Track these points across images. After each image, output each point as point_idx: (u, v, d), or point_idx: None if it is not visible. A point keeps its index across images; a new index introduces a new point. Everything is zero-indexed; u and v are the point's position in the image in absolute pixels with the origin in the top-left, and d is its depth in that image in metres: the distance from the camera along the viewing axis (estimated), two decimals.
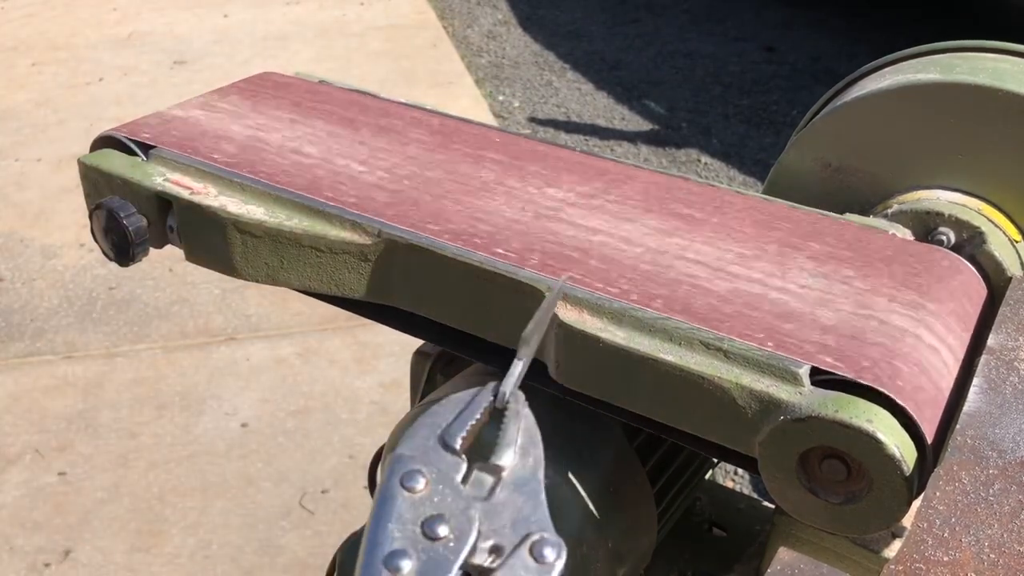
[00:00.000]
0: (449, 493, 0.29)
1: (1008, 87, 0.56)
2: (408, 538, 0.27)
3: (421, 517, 0.28)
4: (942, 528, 0.38)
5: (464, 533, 0.28)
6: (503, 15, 3.24)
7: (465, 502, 0.28)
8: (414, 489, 0.28)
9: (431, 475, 0.29)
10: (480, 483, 0.29)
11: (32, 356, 1.67)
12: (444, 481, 0.29)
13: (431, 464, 0.29)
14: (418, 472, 0.29)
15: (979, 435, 0.41)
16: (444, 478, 0.29)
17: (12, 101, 2.55)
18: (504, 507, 0.29)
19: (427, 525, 0.28)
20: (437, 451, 0.30)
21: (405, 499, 0.28)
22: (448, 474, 0.29)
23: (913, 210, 0.57)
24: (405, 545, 0.27)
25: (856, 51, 2.92)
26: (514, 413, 0.31)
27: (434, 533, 0.27)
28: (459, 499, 0.29)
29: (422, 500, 0.28)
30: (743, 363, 0.43)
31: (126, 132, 0.61)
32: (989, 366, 0.45)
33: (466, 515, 0.28)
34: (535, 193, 0.56)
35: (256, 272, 0.55)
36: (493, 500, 0.29)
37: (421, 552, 0.27)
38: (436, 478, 0.29)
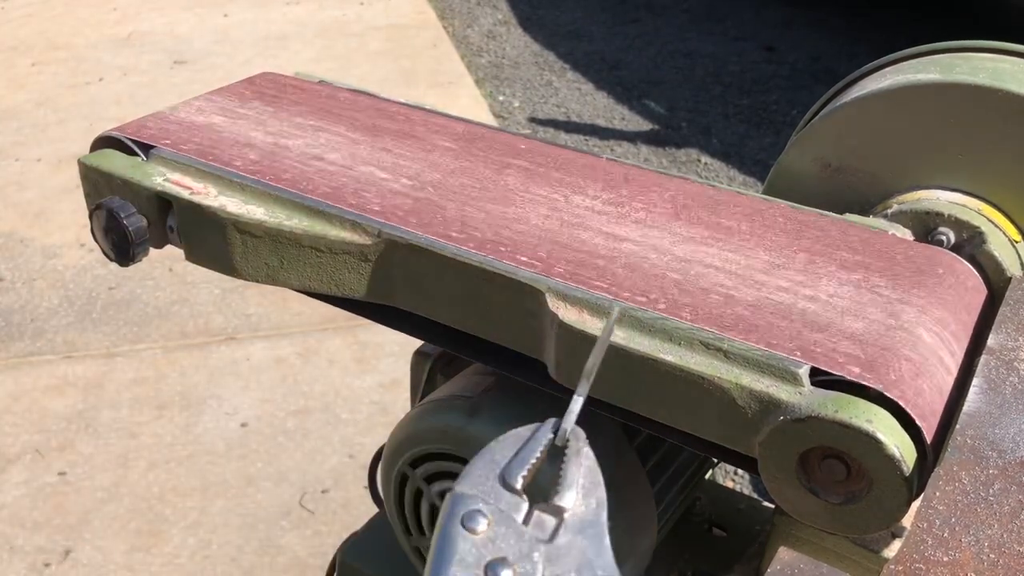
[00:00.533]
0: (511, 535, 0.28)
1: (1008, 87, 0.56)
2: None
3: (484, 560, 0.27)
4: (942, 528, 0.38)
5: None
6: (503, 15, 3.24)
7: (528, 545, 0.28)
8: (475, 530, 0.28)
9: (492, 515, 0.28)
10: (542, 525, 0.28)
11: (32, 356, 1.67)
12: (506, 522, 0.28)
13: (491, 503, 0.28)
14: (479, 512, 0.28)
15: (979, 435, 0.41)
16: (505, 519, 0.28)
17: (12, 101, 2.54)
18: (567, 550, 0.28)
19: (490, 569, 0.27)
20: (497, 490, 0.29)
21: (467, 540, 0.27)
22: (509, 515, 0.28)
23: (913, 210, 0.57)
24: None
25: (856, 51, 2.92)
26: (575, 452, 0.30)
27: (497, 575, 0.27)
28: (522, 542, 0.28)
29: (484, 542, 0.27)
30: (743, 363, 0.43)
31: (126, 132, 0.61)
32: (989, 366, 0.45)
33: (530, 559, 0.27)
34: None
35: (256, 272, 0.55)
36: (556, 543, 0.28)
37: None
38: (497, 519, 0.28)
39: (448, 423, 0.56)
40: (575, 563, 0.27)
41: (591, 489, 0.30)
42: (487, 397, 0.57)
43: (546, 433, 0.31)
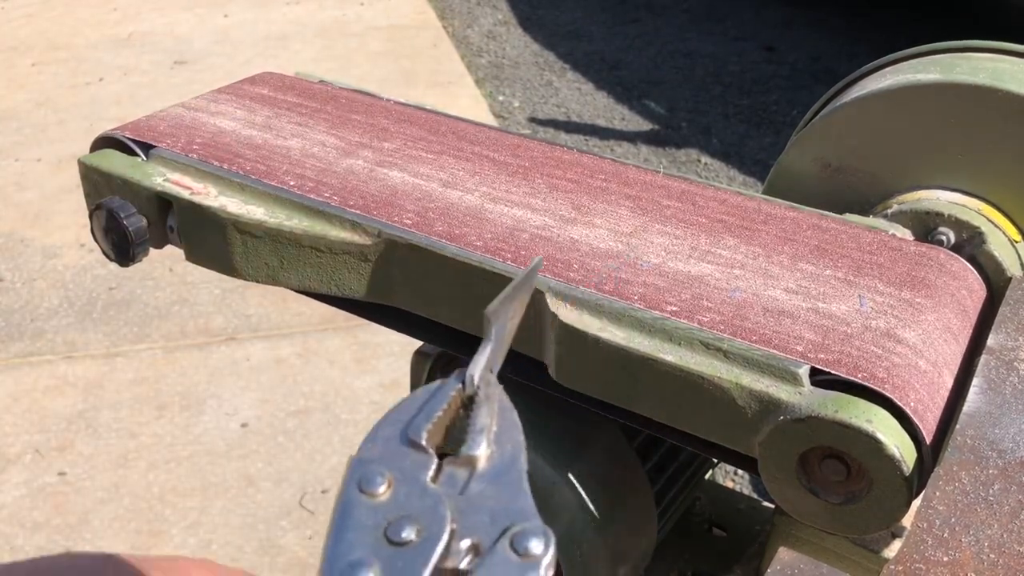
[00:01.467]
0: (416, 492, 0.25)
1: (1008, 87, 0.56)
2: (369, 546, 0.24)
3: (384, 522, 0.24)
4: (942, 528, 0.38)
5: (434, 534, 0.24)
6: (503, 15, 3.24)
7: (434, 499, 0.25)
8: (374, 493, 0.25)
9: (393, 475, 0.25)
10: (452, 479, 0.26)
11: (32, 356, 1.67)
12: (409, 481, 0.25)
13: (394, 465, 0.26)
14: (377, 474, 0.25)
15: (979, 435, 0.41)
16: (409, 478, 0.25)
17: (12, 101, 2.54)
18: (481, 501, 0.25)
19: (391, 530, 0.24)
20: (400, 450, 0.26)
21: (364, 504, 0.25)
22: (413, 473, 0.26)
23: (913, 210, 0.57)
24: (366, 554, 0.23)
25: (856, 51, 2.91)
26: (485, 398, 0.27)
27: (399, 537, 0.24)
28: (427, 497, 0.25)
29: (385, 504, 0.25)
30: (743, 363, 0.43)
31: (126, 132, 0.61)
32: (989, 366, 0.45)
33: (436, 513, 0.24)
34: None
35: (256, 272, 0.55)
36: (467, 494, 0.25)
37: (385, 560, 0.23)
38: (400, 478, 0.25)
39: None
40: (489, 513, 0.25)
41: (506, 434, 0.27)
42: None
43: (453, 384, 0.28)
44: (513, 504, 0.25)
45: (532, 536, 0.24)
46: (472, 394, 0.27)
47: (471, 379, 0.28)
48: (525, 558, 0.23)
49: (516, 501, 0.25)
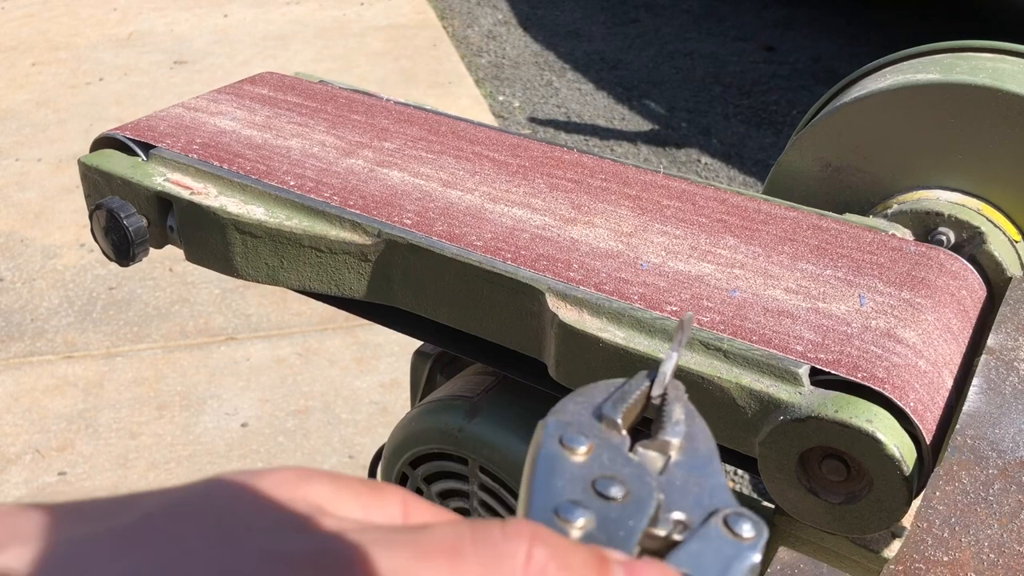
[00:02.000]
0: (619, 460, 0.24)
1: (1008, 87, 0.56)
2: (580, 493, 0.22)
3: (591, 477, 0.23)
4: (942, 528, 0.38)
5: (643, 498, 0.23)
6: (503, 15, 3.24)
7: (638, 468, 0.24)
8: (576, 451, 0.24)
9: (594, 441, 0.24)
10: (649, 461, 0.24)
11: (32, 356, 1.67)
12: (610, 449, 0.24)
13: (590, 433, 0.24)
14: (579, 435, 0.24)
15: (979, 435, 0.41)
16: (609, 446, 0.24)
17: (12, 101, 2.54)
18: (683, 484, 0.24)
19: (599, 484, 0.23)
20: (593, 423, 0.25)
21: (567, 459, 0.23)
22: (612, 443, 0.24)
23: (913, 210, 0.57)
24: (579, 498, 0.22)
25: (856, 51, 2.91)
26: (676, 398, 0.26)
27: (608, 492, 0.22)
28: (630, 465, 0.24)
29: (587, 463, 0.23)
30: (743, 363, 0.43)
31: (126, 132, 0.61)
32: (989, 366, 0.45)
33: (642, 480, 0.23)
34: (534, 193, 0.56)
35: (256, 272, 0.55)
36: (668, 476, 0.24)
37: (598, 510, 0.22)
38: (599, 444, 0.24)
39: (448, 423, 0.56)
40: (693, 495, 0.23)
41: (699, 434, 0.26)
42: (487, 397, 0.57)
43: (643, 380, 0.27)
44: (718, 494, 0.24)
45: (745, 520, 0.23)
46: (663, 393, 0.27)
47: (663, 376, 0.27)
48: (739, 538, 0.22)
49: (720, 493, 0.24)
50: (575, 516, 0.21)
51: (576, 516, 0.21)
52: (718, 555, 0.22)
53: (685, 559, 0.22)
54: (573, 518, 0.21)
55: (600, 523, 0.22)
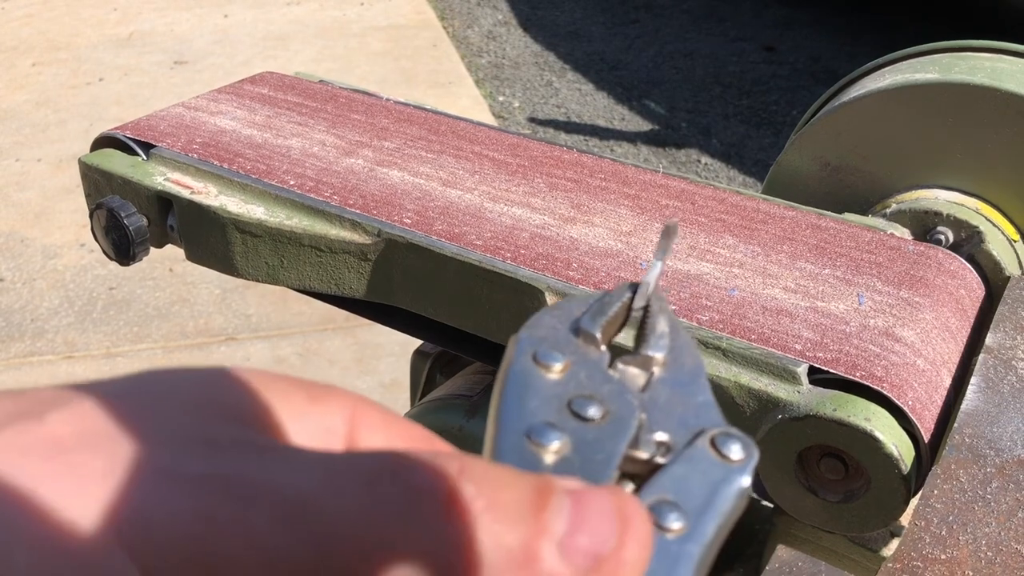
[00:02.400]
0: (597, 377, 0.21)
1: (1006, 87, 0.56)
2: (554, 414, 0.20)
3: (567, 396, 0.21)
4: (940, 526, 0.38)
5: (623, 418, 0.21)
6: (503, 15, 3.24)
7: (618, 386, 0.21)
8: (551, 368, 0.21)
9: (571, 358, 0.22)
10: (630, 377, 0.22)
11: (32, 356, 1.67)
12: (587, 366, 0.22)
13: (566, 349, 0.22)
14: (554, 351, 0.22)
15: (977, 434, 0.41)
16: (586, 363, 0.22)
17: (12, 101, 2.55)
18: (667, 401, 0.22)
19: (575, 404, 0.20)
20: (570, 339, 0.22)
21: (541, 376, 0.21)
22: (590, 359, 0.22)
23: (911, 209, 0.57)
24: (552, 420, 0.20)
25: (856, 51, 2.92)
26: (660, 310, 0.24)
27: (585, 413, 0.20)
28: (610, 383, 0.21)
29: (563, 381, 0.21)
30: (741, 361, 0.43)
31: (126, 131, 0.61)
32: (987, 365, 0.45)
33: (622, 398, 0.21)
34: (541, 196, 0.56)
35: (256, 272, 0.55)
36: (651, 393, 0.22)
37: (573, 432, 0.20)
38: (576, 361, 0.22)
39: (448, 423, 0.56)
40: (677, 414, 0.21)
41: (684, 349, 0.23)
42: (486, 396, 0.57)
43: (625, 292, 0.24)
44: (704, 413, 0.22)
45: (734, 440, 0.21)
46: (645, 305, 0.24)
47: (647, 287, 0.24)
48: (727, 461, 0.20)
49: (707, 411, 0.22)
50: (548, 439, 0.19)
51: (550, 439, 0.19)
52: (704, 478, 0.20)
53: (668, 484, 0.20)
54: (546, 441, 0.19)
55: (576, 446, 0.20)
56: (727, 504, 0.20)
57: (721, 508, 0.20)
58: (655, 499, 0.19)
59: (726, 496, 0.20)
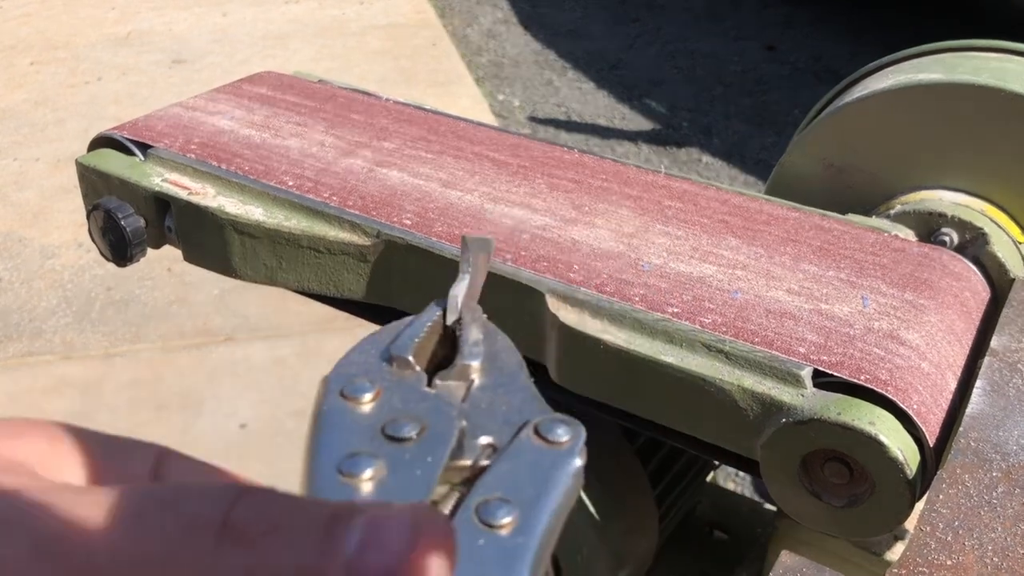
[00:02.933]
0: (412, 398, 0.22)
1: (1011, 87, 0.55)
2: (366, 442, 0.20)
3: (378, 423, 0.21)
4: (945, 531, 0.37)
5: (442, 431, 0.21)
6: (503, 14, 3.23)
7: (435, 401, 0.22)
8: (360, 400, 0.21)
9: (381, 386, 0.22)
10: (451, 391, 0.22)
11: (30, 356, 1.67)
12: (401, 389, 0.22)
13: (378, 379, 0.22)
14: (363, 384, 0.21)
15: (982, 437, 0.41)
16: (400, 386, 0.22)
17: (10, 100, 2.54)
18: (489, 406, 0.22)
19: (389, 428, 0.20)
20: (383, 367, 0.22)
21: (351, 410, 0.21)
22: (405, 382, 0.22)
23: (916, 211, 0.57)
24: (365, 448, 0.20)
25: (858, 50, 2.91)
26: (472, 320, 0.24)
27: (399, 433, 0.20)
28: (426, 399, 0.22)
29: (375, 410, 0.21)
30: (744, 365, 0.42)
31: (124, 132, 0.61)
32: (992, 368, 0.44)
33: (440, 411, 0.21)
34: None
35: (255, 273, 0.55)
36: (472, 402, 0.22)
37: (389, 455, 0.20)
38: (389, 387, 0.22)
39: None
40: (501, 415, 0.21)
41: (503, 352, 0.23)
42: None
43: (434, 311, 0.24)
44: (527, 407, 0.21)
45: (557, 424, 0.21)
46: (457, 319, 0.24)
47: (455, 302, 0.24)
48: (554, 445, 0.20)
49: (529, 405, 0.22)
50: (359, 468, 0.19)
51: (361, 468, 0.19)
52: (533, 469, 0.20)
53: (495, 482, 0.20)
54: (358, 471, 0.19)
55: (393, 468, 0.19)
56: (559, 489, 0.20)
57: (553, 494, 0.19)
58: (481, 500, 0.19)
59: (557, 481, 0.20)
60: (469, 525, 0.18)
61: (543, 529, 0.19)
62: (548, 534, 0.19)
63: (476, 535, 0.18)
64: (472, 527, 0.18)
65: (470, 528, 0.18)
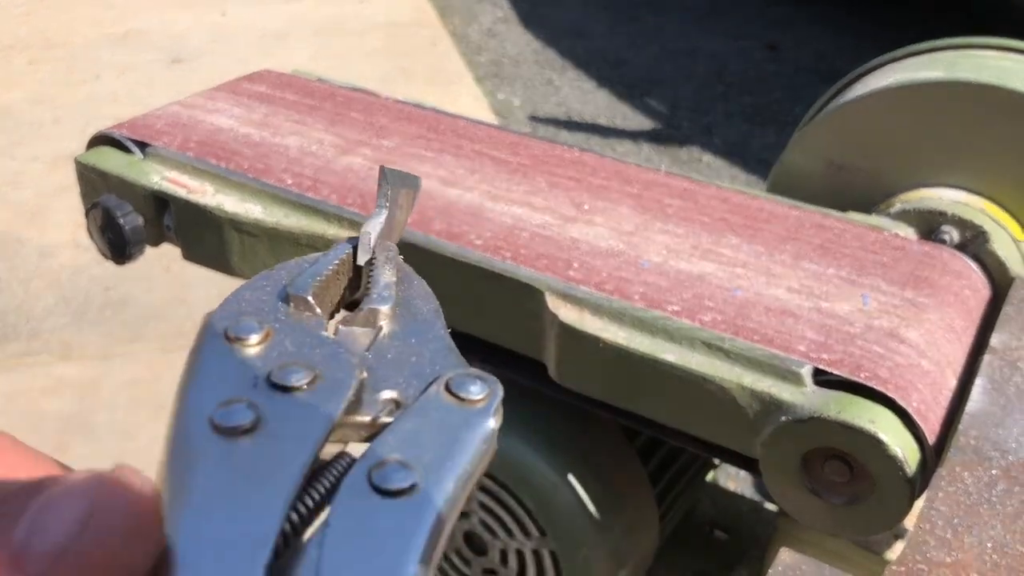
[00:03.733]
0: (307, 342, 0.19)
1: (1011, 85, 0.55)
2: (244, 388, 0.18)
3: (264, 369, 0.18)
4: (944, 529, 0.37)
5: (337, 380, 0.18)
6: (503, 12, 3.23)
7: (332, 347, 0.19)
8: (246, 340, 0.18)
9: (273, 326, 0.19)
10: (352, 339, 0.20)
11: (28, 356, 1.66)
12: (295, 331, 0.19)
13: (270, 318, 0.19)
14: (251, 323, 0.19)
15: (982, 435, 0.41)
16: (295, 329, 0.19)
17: (8, 99, 2.54)
18: (397, 355, 0.19)
19: (275, 375, 0.18)
20: (277, 307, 0.20)
21: (233, 352, 0.18)
22: (301, 325, 0.19)
23: (916, 209, 0.57)
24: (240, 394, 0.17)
25: (860, 49, 2.91)
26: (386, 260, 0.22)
27: (286, 381, 0.18)
28: (323, 345, 0.19)
29: (262, 353, 0.18)
30: (745, 363, 0.42)
31: (123, 130, 0.61)
32: (992, 366, 0.44)
33: (337, 359, 0.18)
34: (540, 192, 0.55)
35: (254, 271, 0.55)
36: (377, 350, 0.19)
37: (269, 404, 0.17)
38: (281, 329, 0.19)
39: None
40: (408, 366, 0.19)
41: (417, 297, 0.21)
42: None
43: (344, 248, 0.22)
44: (441, 359, 0.19)
45: (471, 381, 0.18)
46: (369, 259, 0.22)
47: (367, 239, 0.22)
48: (466, 404, 0.18)
49: (444, 357, 0.19)
50: (231, 419, 0.17)
51: (232, 419, 0.17)
52: (439, 428, 0.17)
53: (394, 442, 0.17)
54: (230, 422, 0.17)
55: (273, 421, 0.17)
56: (467, 452, 0.17)
57: (460, 458, 0.17)
58: (376, 462, 0.17)
59: (466, 442, 0.17)
60: (359, 490, 0.16)
61: (448, 495, 0.16)
62: (451, 504, 0.16)
63: (366, 502, 0.16)
64: (362, 493, 0.16)
65: (360, 494, 0.16)
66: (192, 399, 0.18)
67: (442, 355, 0.19)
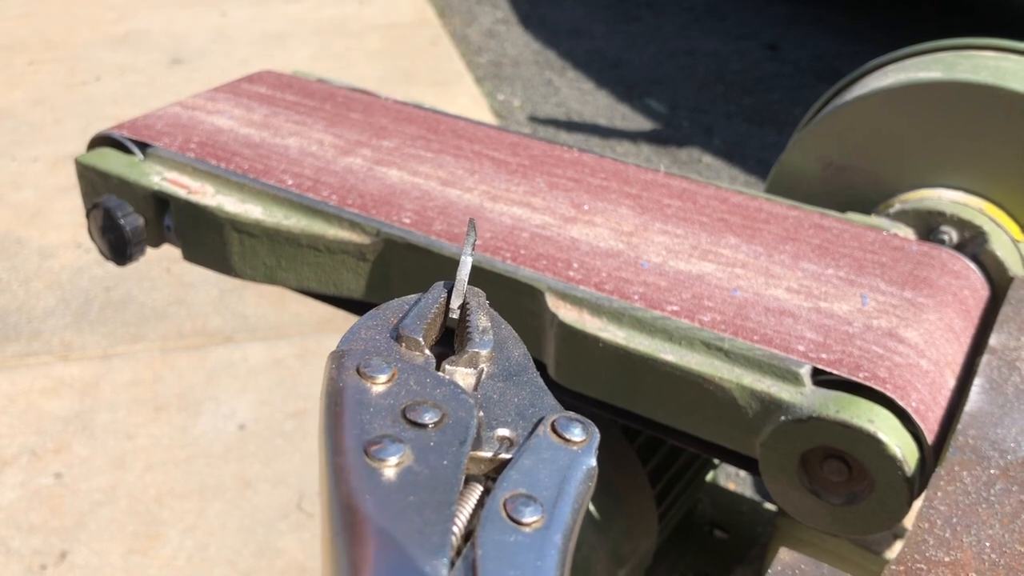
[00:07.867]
0: (428, 382, 0.21)
1: (1010, 86, 0.55)
2: (389, 426, 0.20)
3: (399, 405, 0.20)
4: (943, 528, 0.37)
5: (461, 419, 0.20)
6: (503, 13, 3.23)
7: (451, 387, 0.21)
8: (377, 379, 0.21)
9: (396, 367, 0.21)
10: (461, 378, 0.22)
11: (29, 357, 1.66)
12: (415, 372, 0.21)
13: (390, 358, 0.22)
14: (378, 363, 0.21)
15: (981, 435, 0.41)
16: (413, 369, 0.22)
17: (9, 100, 2.54)
18: (502, 397, 0.22)
19: (409, 412, 0.20)
20: (392, 346, 0.22)
21: (368, 389, 0.21)
22: (417, 364, 0.22)
23: (915, 209, 0.57)
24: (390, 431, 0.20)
25: (859, 49, 2.91)
26: (477, 306, 0.24)
27: (421, 419, 0.20)
28: (442, 385, 0.21)
29: (393, 390, 0.21)
30: (744, 363, 0.42)
31: (123, 131, 0.61)
32: (991, 366, 0.44)
33: (458, 399, 0.21)
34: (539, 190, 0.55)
35: (254, 272, 0.55)
36: (483, 391, 0.22)
37: (413, 441, 0.19)
38: (403, 370, 0.21)
39: None
40: (514, 408, 0.21)
41: (509, 341, 0.24)
42: None
43: (440, 292, 0.24)
44: (539, 401, 0.22)
45: (574, 424, 0.21)
46: (463, 302, 0.24)
47: (461, 284, 0.24)
48: (571, 444, 0.21)
49: (542, 398, 0.22)
50: (387, 453, 0.19)
51: (388, 453, 0.19)
52: (553, 466, 0.20)
53: (519, 478, 0.20)
54: (385, 456, 0.19)
55: (419, 455, 0.19)
56: (578, 487, 0.20)
57: (573, 493, 0.20)
58: (509, 495, 0.19)
59: (576, 480, 0.20)
60: (499, 520, 0.19)
61: (568, 526, 0.19)
62: (572, 530, 0.19)
63: (507, 531, 0.18)
64: (503, 523, 0.19)
65: (501, 524, 0.19)
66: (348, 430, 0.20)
67: (539, 397, 0.22)
